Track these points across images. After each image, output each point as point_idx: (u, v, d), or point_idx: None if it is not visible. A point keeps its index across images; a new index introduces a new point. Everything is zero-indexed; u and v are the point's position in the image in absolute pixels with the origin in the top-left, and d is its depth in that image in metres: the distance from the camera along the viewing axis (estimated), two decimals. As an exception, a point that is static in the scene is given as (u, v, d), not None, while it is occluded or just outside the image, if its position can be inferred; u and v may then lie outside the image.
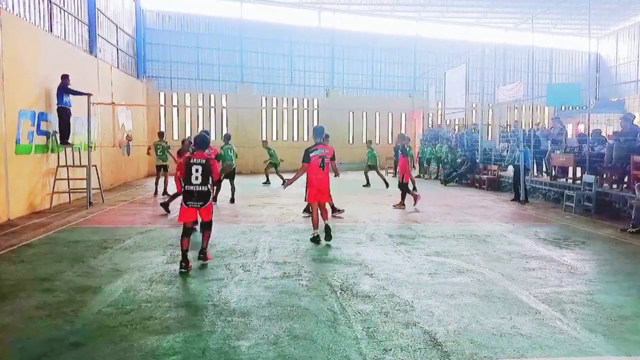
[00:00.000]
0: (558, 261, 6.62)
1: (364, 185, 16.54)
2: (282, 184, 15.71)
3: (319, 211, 7.84)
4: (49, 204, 11.09)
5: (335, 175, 8.63)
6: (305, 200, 8.39)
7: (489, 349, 3.79)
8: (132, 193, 14.75)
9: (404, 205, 11.68)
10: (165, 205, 10.43)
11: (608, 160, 11.14)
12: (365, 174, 16.93)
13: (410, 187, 12.66)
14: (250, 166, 22.50)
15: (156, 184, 13.95)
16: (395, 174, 21.70)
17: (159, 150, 14.00)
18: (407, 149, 12.36)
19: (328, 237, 7.64)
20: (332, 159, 7.86)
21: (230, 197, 12.45)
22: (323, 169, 7.67)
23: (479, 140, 18.85)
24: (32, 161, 10.68)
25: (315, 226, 7.79)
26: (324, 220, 7.83)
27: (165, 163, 13.92)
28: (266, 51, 25.10)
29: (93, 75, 14.74)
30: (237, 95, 24.22)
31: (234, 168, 12.91)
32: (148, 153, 15.43)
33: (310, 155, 7.61)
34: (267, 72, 25.20)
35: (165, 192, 13.44)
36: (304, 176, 7.83)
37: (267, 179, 17.58)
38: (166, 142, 14.45)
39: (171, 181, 12.45)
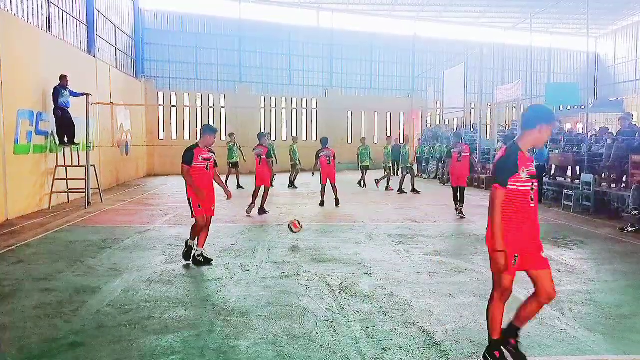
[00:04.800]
0: (557, 260, 6.62)
1: (399, 191, 14.65)
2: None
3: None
4: (47, 204, 11.08)
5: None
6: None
7: (487, 348, 3.78)
8: (131, 193, 14.74)
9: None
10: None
11: (607, 160, 11.15)
12: (388, 178, 15.50)
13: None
14: (250, 165, 22.42)
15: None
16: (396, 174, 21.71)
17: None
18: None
19: None
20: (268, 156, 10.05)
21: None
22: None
23: (478, 140, 18.86)
24: (30, 161, 10.67)
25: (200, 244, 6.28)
26: None
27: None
28: (265, 51, 25.08)
29: (92, 75, 14.72)
30: (236, 95, 24.19)
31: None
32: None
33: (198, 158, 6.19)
34: (266, 71, 25.18)
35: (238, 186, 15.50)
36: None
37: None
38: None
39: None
